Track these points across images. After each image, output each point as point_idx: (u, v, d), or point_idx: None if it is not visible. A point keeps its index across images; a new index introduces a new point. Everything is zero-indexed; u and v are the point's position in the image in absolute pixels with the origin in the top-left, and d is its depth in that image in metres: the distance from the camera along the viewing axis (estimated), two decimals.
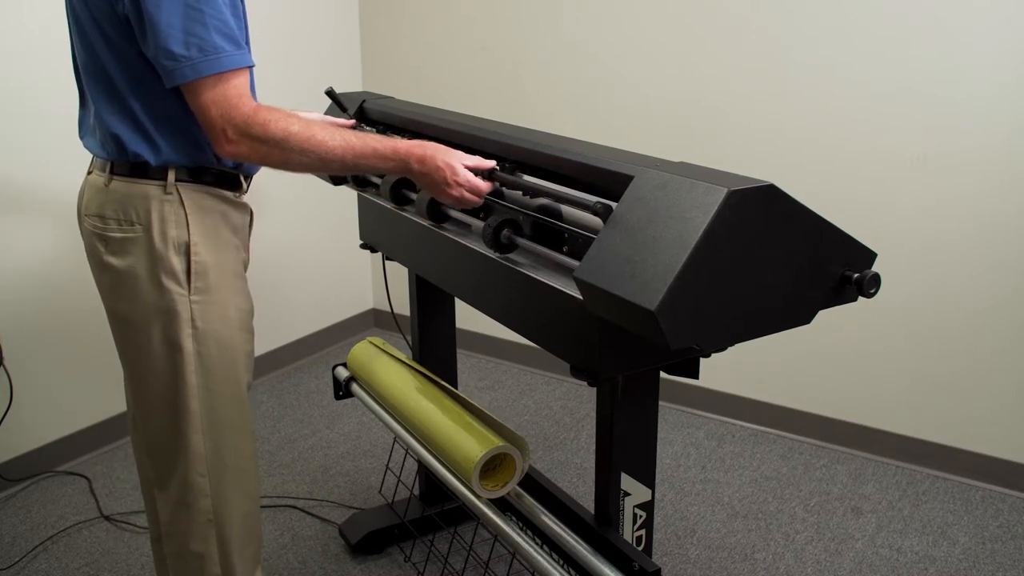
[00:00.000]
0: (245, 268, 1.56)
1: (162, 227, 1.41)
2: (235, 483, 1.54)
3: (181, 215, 1.42)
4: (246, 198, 1.56)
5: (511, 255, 1.54)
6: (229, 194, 1.49)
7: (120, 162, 1.42)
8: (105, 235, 1.44)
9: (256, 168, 1.54)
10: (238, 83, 1.31)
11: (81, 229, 1.54)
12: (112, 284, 1.46)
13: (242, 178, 1.52)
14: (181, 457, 1.49)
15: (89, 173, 1.51)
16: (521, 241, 1.49)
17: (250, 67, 1.36)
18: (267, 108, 1.34)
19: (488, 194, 1.62)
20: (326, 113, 2.11)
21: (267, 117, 1.32)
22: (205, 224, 1.45)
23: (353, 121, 1.95)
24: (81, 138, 1.53)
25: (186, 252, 1.43)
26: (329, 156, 1.38)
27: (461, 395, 1.74)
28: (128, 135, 1.40)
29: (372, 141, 1.41)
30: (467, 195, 1.44)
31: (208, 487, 1.51)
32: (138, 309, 1.44)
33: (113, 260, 1.44)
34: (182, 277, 1.43)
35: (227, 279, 1.48)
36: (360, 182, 1.99)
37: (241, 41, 1.33)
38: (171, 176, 1.41)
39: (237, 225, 1.52)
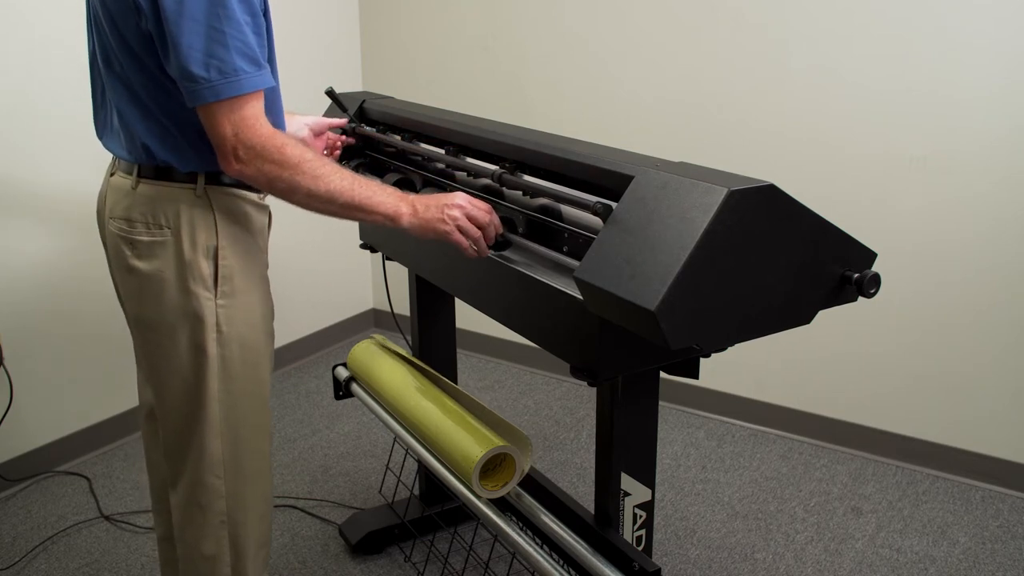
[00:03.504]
0: (266, 267, 1.56)
1: (192, 231, 1.41)
2: (253, 485, 1.54)
3: (210, 219, 1.42)
4: (267, 200, 1.56)
5: (512, 255, 1.54)
6: (253, 196, 1.49)
7: (147, 165, 1.41)
8: (132, 238, 1.43)
9: None
10: (256, 104, 1.31)
11: (104, 232, 1.53)
12: (138, 288, 1.45)
13: None
14: (193, 458, 1.49)
15: (112, 175, 1.49)
16: (521, 241, 1.49)
17: (271, 87, 1.35)
18: (283, 133, 1.33)
19: (489, 194, 1.62)
20: (326, 113, 2.11)
21: (284, 141, 1.32)
22: (232, 228, 1.45)
23: (349, 122, 1.95)
24: (100, 137, 1.52)
25: (214, 256, 1.42)
26: (337, 190, 1.37)
27: (463, 391, 1.74)
28: (157, 144, 1.39)
29: (376, 186, 1.42)
30: (473, 212, 1.42)
31: (224, 489, 1.51)
32: (164, 313, 1.43)
33: (140, 264, 1.43)
34: (209, 281, 1.42)
35: (252, 282, 1.48)
36: None
37: (262, 60, 1.32)
38: (201, 180, 1.41)
39: (260, 227, 1.52)
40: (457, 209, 1.41)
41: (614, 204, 1.25)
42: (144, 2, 1.27)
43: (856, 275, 1.26)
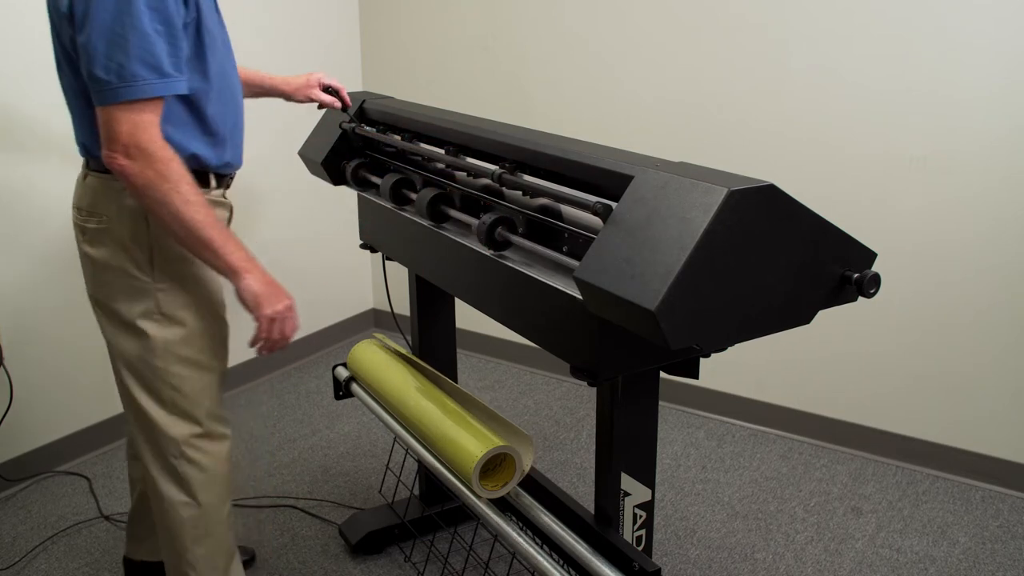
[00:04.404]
0: None
1: (128, 220, 1.53)
2: (209, 466, 1.67)
3: (141, 209, 1.52)
4: (230, 195, 1.69)
5: (512, 255, 1.54)
6: None
7: (92, 159, 1.55)
8: (83, 226, 1.58)
9: (236, 166, 1.65)
10: (155, 109, 1.39)
11: None
12: (91, 272, 1.60)
13: (212, 176, 1.61)
14: (150, 437, 1.64)
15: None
16: (521, 241, 1.49)
17: (176, 94, 1.43)
18: (173, 151, 1.42)
19: (489, 194, 1.63)
20: (326, 114, 2.11)
21: (174, 157, 1.41)
22: None
23: (349, 122, 1.95)
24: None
25: (148, 244, 1.54)
26: (200, 222, 1.43)
27: (463, 391, 1.74)
28: (92, 143, 1.50)
29: (235, 241, 1.49)
30: (287, 326, 1.51)
31: (180, 469, 1.64)
32: (111, 296, 1.58)
33: (89, 249, 1.58)
34: (146, 267, 1.55)
35: (191, 269, 1.57)
36: (360, 182, 1.99)
37: (168, 69, 1.38)
38: None
39: None
40: (287, 312, 1.51)
41: (614, 204, 1.25)
42: (69, 9, 1.37)
43: (856, 275, 1.26)
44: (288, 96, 1.97)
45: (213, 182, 1.61)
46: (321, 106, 2.01)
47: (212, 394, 1.66)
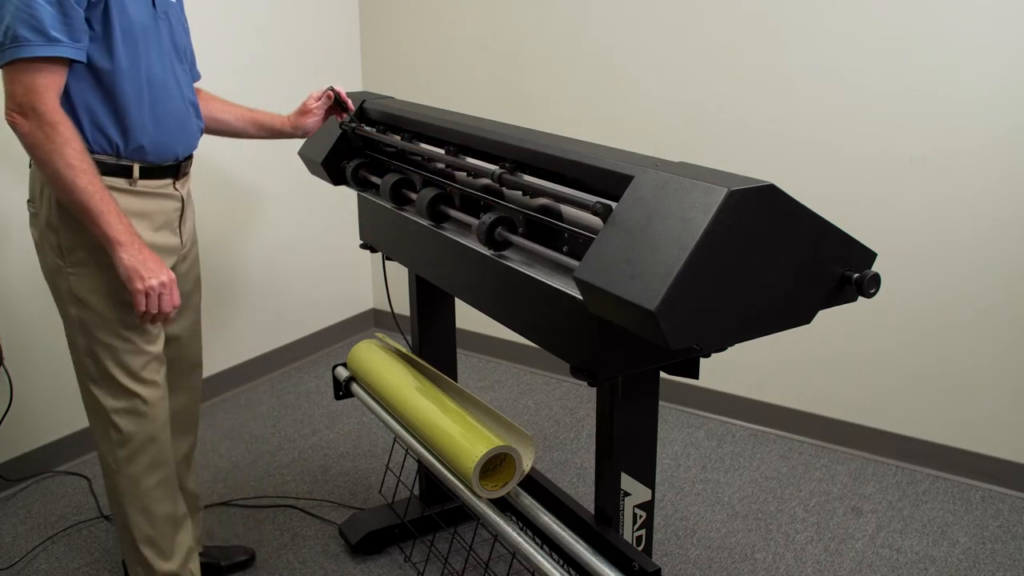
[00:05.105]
0: (173, 252, 1.76)
1: (45, 207, 1.62)
2: (131, 441, 1.73)
3: (52, 197, 1.60)
4: (183, 187, 1.76)
5: (512, 255, 1.54)
6: (117, 181, 1.62)
7: None
8: (29, 211, 1.68)
9: (157, 156, 1.66)
10: (48, 74, 1.47)
11: None
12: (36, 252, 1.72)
13: (136, 167, 1.64)
14: (92, 402, 1.74)
15: None
16: (520, 241, 1.49)
17: (67, 59, 1.49)
18: (66, 116, 1.50)
19: (489, 194, 1.62)
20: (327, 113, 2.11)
21: (61, 120, 1.49)
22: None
23: (350, 121, 1.94)
24: None
25: (56, 230, 1.62)
26: (79, 188, 1.49)
27: (464, 391, 1.74)
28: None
29: (117, 213, 1.54)
30: (164, 302, 1.58)
31: (109, 436, 1.73)
32: (45, 275, 1.70)
33: (31, 231, 1.69)
34: (57, 251, 1.64)
35: (97, 256, 1.62)
36: (360, 182, 1.99)
37: (56, 35, 1.45)
38: None
39: (130, 210, 1.63)
40: (161, 288, 1.57)
41: (614, 204, 1.25)
42: None
43: (856, 275, 1.26)
44: (292, 127, 1.98)
45: (136, 172, 1.64)
46: (326, 116, 2.01)
47: (137, 371, 1.71)
